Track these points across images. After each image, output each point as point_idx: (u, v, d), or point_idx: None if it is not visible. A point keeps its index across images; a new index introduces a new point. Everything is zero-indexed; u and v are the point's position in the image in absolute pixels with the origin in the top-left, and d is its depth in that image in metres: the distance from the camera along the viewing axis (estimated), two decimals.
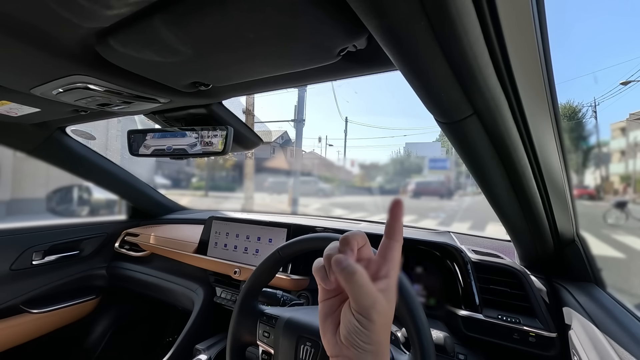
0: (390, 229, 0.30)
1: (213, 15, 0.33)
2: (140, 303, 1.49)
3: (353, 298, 0.27)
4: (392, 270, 0.29)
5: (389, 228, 0.30)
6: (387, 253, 0.30)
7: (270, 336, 0.60)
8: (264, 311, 0.63)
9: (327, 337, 0.31)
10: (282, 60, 0.44)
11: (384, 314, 0.27)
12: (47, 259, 1.19)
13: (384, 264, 0.29)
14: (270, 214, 1.38)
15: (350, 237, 0.30)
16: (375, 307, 0.27)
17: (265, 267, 0.62)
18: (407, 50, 0.30)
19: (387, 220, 0.30)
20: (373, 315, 0.27)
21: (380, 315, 0.27)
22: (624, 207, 8.20)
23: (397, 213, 0.30)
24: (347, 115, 25.93)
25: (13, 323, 1.10)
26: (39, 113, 0.77)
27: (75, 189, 3.43)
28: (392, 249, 0.30)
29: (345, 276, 0.26)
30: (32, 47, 0.41)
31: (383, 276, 0.29)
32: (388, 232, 0.30)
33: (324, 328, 0.31)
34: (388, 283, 0.29)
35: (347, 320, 0.28)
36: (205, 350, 0.95)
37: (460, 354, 0.69)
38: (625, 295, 0.99)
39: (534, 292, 0.70)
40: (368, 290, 0.27)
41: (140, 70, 0.49)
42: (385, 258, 0.30)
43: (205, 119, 0.74)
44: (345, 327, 0.28)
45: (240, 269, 1.01)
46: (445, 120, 0.40)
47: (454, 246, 0.82)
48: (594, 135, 19.08)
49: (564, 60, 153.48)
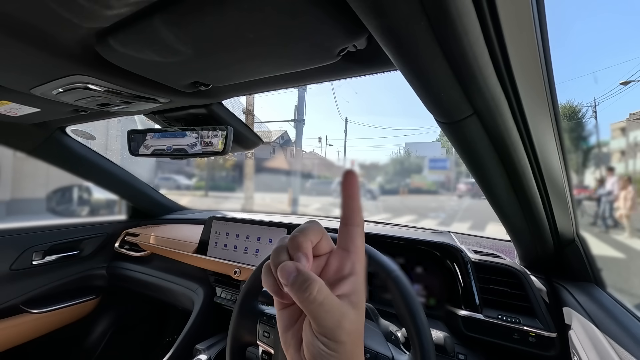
0: (347, 210, 0.24)
1: (213, 15, 0.33)
2: (140, 303, 1.49)
3: (313, 319, 0.21)
4: (358, 264, 0.24)
5: (345, 210, 0.24)
6: (348, 243, 0.24)
7: (270, 336, 0.60)
8: (264, 311, 0.63)
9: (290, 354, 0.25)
10: (282, 60, 0.44)
11: (354, 330, 0.22)
12: (47, 259, 1.19)
13: (346, 257, 0.24)
14: (270, 214, 1.38)
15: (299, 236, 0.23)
16: (342, 325, 0.21)
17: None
18: (407, 50, 0.30)
19: (342, 201, 0.24)
20: (341, 335, 0.21)
21: (350, 333, 0.21)
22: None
23: (352, 190, 0.24)
24: (347, 115, 25.99)
25: (13, 323, 1.10)
26: (39, 113, 0.77)
27: (75, 189, 3.43)
28: (353, 236, 0.24)
29: (296, 292, 0.20)
30: (32, 47, 0.41)
31: (347, 274, 0.23)
32: (344, 216, 0.24)
33: (285, 342, 0.25)
34: (354, 282, 0.23)
35: (309, 342, 0.22)
36: (205, 350, 0.95)
37: (460, 354, 0.69)
38: (625, 295, 0.99)
39: (534, 292, 0.70)
40: (330, 307, 0.21)
41: (140, 70, 0.49)
42: (347, 250, 0.24)
43: (205, 119, 0.74)
44: (309, 350, 0.22)
45: (240, 269, 1.01)
46: (445, 120, 0.40)
47: (454, 246, 0.82)
48: (594, 135, 19.10)
49: (564, 60, 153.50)
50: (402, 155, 23.81)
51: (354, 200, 0.24)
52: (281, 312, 0.26)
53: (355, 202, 0.24)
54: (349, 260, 0.24)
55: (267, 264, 0.23)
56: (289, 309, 0.26)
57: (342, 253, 0.24)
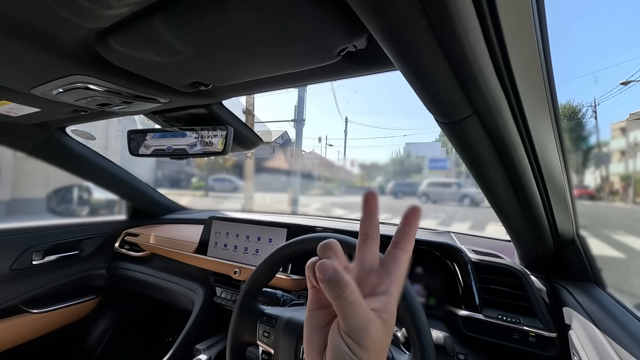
0: (401, 235, 0.25)
1: (213, 15, 0.33)
2: (140, 303, 1.49)
3: (341, 317, 0.22)
4: (394, 287, 0.24)
5: (399, 234, 0.25)
6: (392, 265, 0.25)
7: (270, 336, 0.60)
8: (264, 311, 0.63)
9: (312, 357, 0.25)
10: (282, 60, 0.44)
11: (379, 339, 0.22)
12: (47, 259, 1.19)
13: (386, 277, 0.25)
14: (270, 214, 1.38)
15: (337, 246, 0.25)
16: (368, 330, 0.22)
17: (265, 267, 0.62)
18: (407, 50, 0.30)
19: (399, 226, 0.25)
20: (365, 340, 0.22)
21: (375, 341, 0.22)
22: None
23: (413, 221, 0.25)
24: (347, 115, 26.00)
25: (13, 323, 1.10)
26: (39, 113, 0.77)
27: (75, 189, 3.43)
28: (398, 260, 0.25)
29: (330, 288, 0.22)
30: (32, 47, 0.41)
31: (382, 292, 0.24)
32: (397, 239, 0.25)
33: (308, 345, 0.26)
34: (387, 302, 0.24)
35: (334, 343, 0.23)
36: (205, 350, 0.95)
37: (460, 354, 0.69)
38: (625, 295, 0.99)
39: (534, 292, 0.70)
40: (360, 309, 0.22)
41: (140, 70, 0.49)
42: (389, 270, 0.25)
43: (205, 119, 0.74)
44: (333, 350, 0.23)
45: (240, 269, 1.01)
46: (445, 120, 0.40)
47: (454, 246, 0.82)
48: (594, 135, 19.11)
49: (564, 60, 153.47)
50: (402, 155, 23.80)
51: (412, 229, 0.25)
52: (312, 312, 0.27)
53: (412, 232, 0.25)
54: (388, 280, 0.25)
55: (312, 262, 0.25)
56: (321, 311, 0.27)
57: (384, 272, 0.25)
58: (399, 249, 0.25)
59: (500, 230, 0.75)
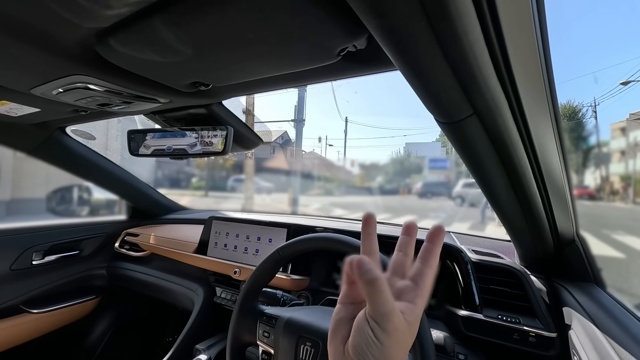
0: (427, 253, 0.29)
1: (213, 15, 0.33)
2: (140, 303, 1.49)
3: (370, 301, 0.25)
4: (420, 298, 0.27)
5: (425, 252, 0.29)
6: (418, 279, 0.28)
7: (270, 336, 0.60)
8: (264, 311, 0.63)
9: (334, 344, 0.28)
10: (282, 60, 0.44)
11: (401, 330, 0.25)
12: (47, 259, 1.19)
13: (412, 289, 0.28)
14: (270, 214, 1.38)
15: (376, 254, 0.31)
16: (391, 316, 0.25)
17: (265, 267, 0.62)
18: (407, 51, 0.30)
19: (425, 244, 0.29)
20: (388, 325, 0.25)
21: (397, 329, 0.25)
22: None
23: (437, 239, 0.29)
24: (347, 115, 26.00)
25: (13, 323, 1.10)
26: (39, 113, 0.77)
27: (75, 189, 3.43)
28: (424, 275, 0.28)
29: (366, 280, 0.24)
30: (32, 47, 0.41)
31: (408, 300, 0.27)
32: (424, 256, 0.29)
33: (334, 333, 0.29)
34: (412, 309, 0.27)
35: (359, 326, 0.26)
36: (205, 350, 0.95)
37: (460, 354, 0.69)
38: (625, 295, 0.99)
39: (534, 292, 0.70)
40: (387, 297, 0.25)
41: (140, 70, 0.49)
42: (416, 283, 0.28)
43: (205, 119, 0.74)
44: (358, 333, 0.26)
45: (240, 269, 1.01)
46: (445, 120, 0.40)
47: (454, 246, 0.82)
48: (594, 135, 19.12)
49: (564, 60, 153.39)
50: (402, 155, 23.83)
51: (437, 247, 0.29)
52: (343, 305, 0.30)
53: (437, 249, 0.29)
54: (414, 292, 0.28)
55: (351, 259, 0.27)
56: (351, 305, 0.29)
57: (411, 285, 0.28)
58: (424, 265, 0.29)
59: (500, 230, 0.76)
